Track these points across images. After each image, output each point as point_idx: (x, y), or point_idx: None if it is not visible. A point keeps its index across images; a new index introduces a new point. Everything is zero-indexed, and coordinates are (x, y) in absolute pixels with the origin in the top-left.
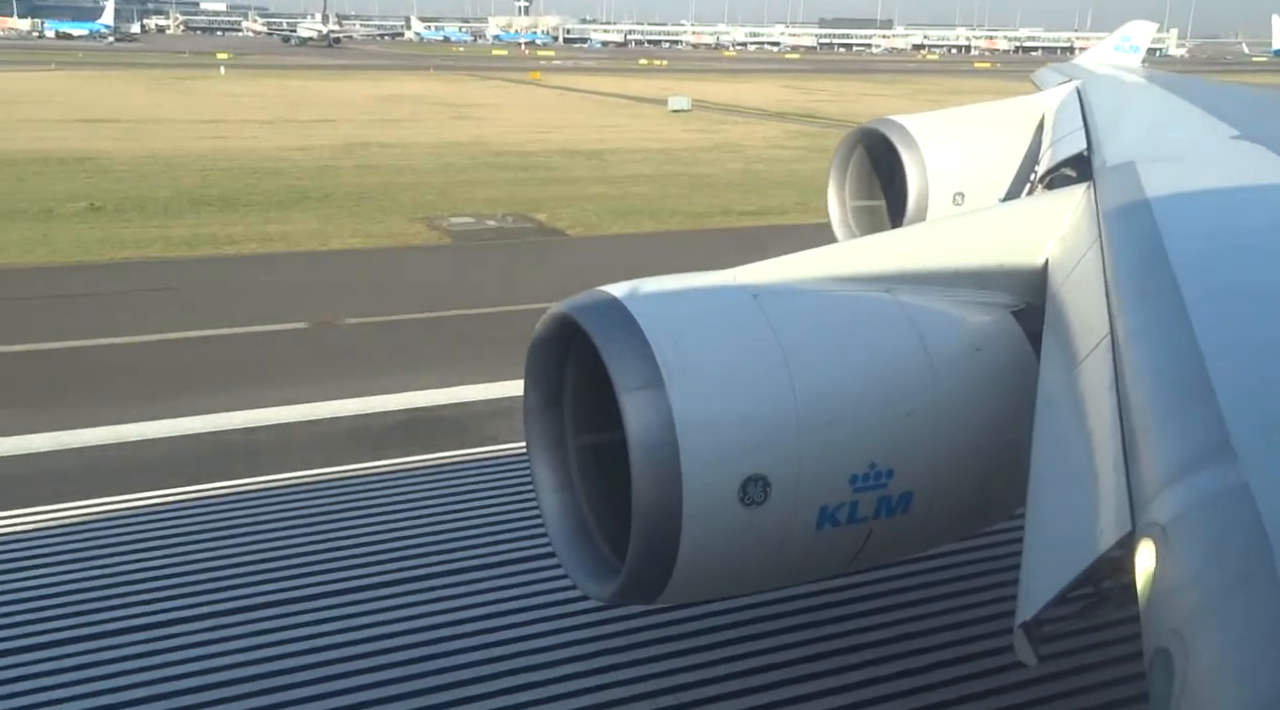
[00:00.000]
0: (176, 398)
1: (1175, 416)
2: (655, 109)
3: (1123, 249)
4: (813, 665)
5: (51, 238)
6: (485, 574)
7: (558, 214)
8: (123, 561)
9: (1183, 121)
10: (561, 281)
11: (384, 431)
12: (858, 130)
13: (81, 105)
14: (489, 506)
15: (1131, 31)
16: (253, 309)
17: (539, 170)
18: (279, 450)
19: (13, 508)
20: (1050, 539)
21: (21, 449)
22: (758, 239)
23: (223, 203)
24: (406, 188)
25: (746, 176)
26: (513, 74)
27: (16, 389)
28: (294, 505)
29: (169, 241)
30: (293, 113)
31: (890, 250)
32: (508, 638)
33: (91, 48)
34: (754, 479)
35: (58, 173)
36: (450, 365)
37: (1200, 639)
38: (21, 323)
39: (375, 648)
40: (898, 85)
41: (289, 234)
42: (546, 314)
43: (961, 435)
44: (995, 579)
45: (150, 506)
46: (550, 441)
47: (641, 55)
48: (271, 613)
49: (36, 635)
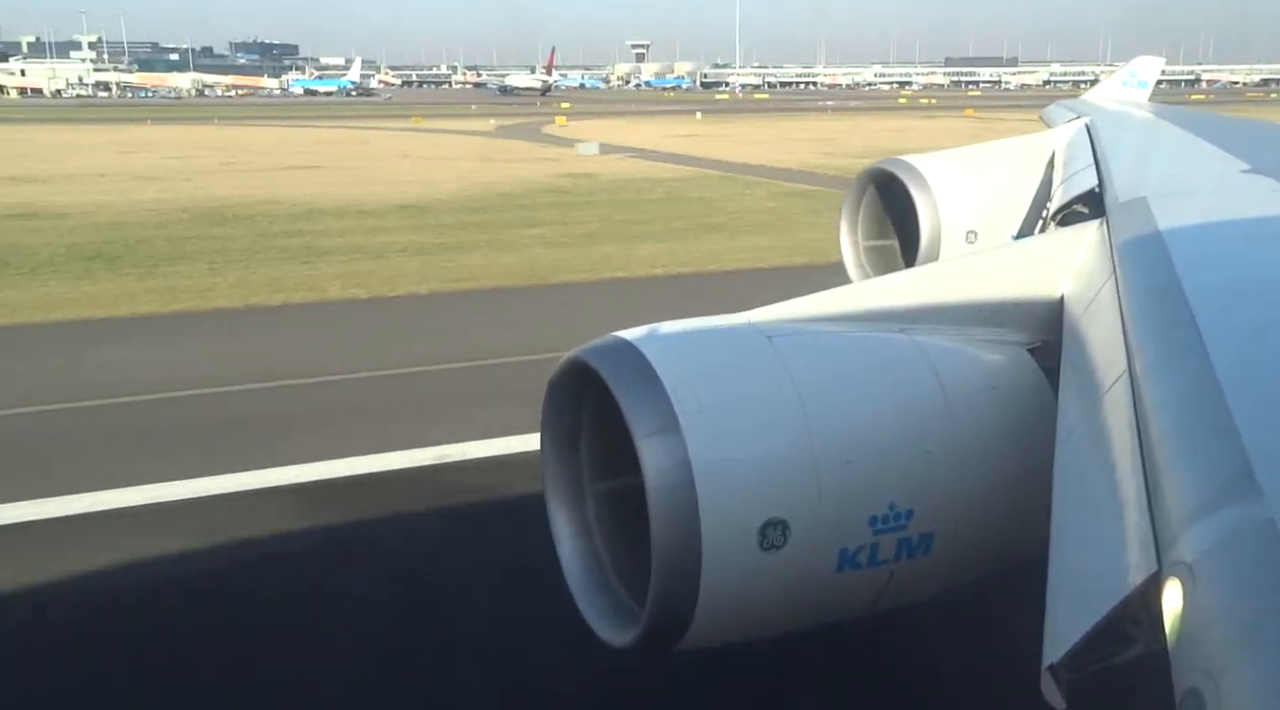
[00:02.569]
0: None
1: (1198, 452)
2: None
3: (1138, 284)
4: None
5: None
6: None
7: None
8: None
9: (1193, 156)
10: None
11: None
12: (868, 170)
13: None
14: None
15: (1139, 67)
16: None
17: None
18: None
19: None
20: (1075, 579)
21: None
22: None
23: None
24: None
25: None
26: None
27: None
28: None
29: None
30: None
31: (904, 290)
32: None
33: (345, 103)
34: (773, 523)
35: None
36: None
37: (1231, 677)
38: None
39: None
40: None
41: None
42: (562, 360)
43: (981, 474)
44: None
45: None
46: (567, 487)
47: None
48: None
49: None
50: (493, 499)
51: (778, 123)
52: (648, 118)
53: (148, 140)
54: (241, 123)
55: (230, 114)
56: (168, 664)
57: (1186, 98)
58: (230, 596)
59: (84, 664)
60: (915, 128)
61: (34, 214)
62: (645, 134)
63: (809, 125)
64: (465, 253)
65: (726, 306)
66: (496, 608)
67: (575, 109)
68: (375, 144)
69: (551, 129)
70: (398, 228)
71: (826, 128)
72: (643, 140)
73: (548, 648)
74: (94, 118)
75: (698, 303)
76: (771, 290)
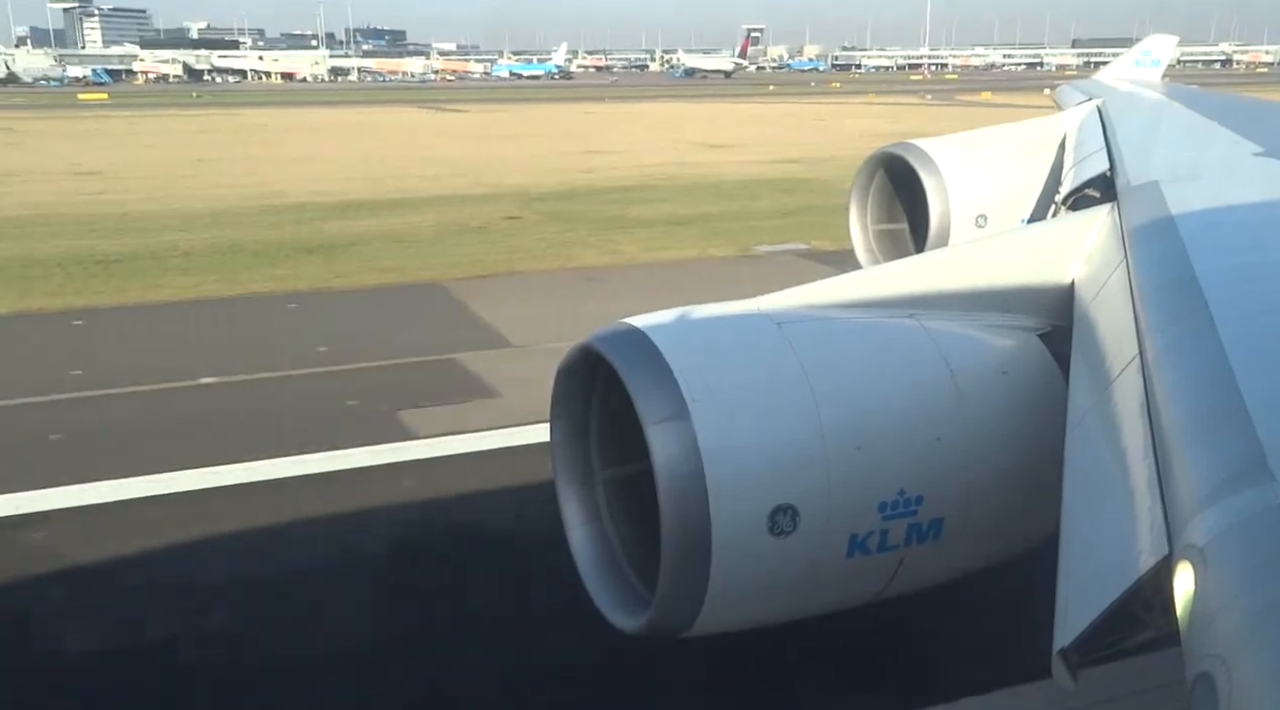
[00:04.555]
0: None
1: (1209, 437)
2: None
3: (1149, 269)
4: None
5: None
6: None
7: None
8: None
9: (1205, 138)
10: None
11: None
12: (877, 154)
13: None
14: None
15: (1152, 45)
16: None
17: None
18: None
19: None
20: (1086, 563)
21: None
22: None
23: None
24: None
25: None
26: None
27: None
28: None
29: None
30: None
31: (914, 275)
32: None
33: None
34: (783, 508)
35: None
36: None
37: (1243, 661)
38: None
39: None
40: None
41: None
42: (572, 348)
43: (991, 460)
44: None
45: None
46: (578, 474)
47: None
48: None
49: None
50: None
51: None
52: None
53: (626, 115)
54: (578, 102)
55: (539, 95)
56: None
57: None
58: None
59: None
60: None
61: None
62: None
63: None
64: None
65: None
66: None
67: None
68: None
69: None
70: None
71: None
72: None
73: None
74: (468, 98)
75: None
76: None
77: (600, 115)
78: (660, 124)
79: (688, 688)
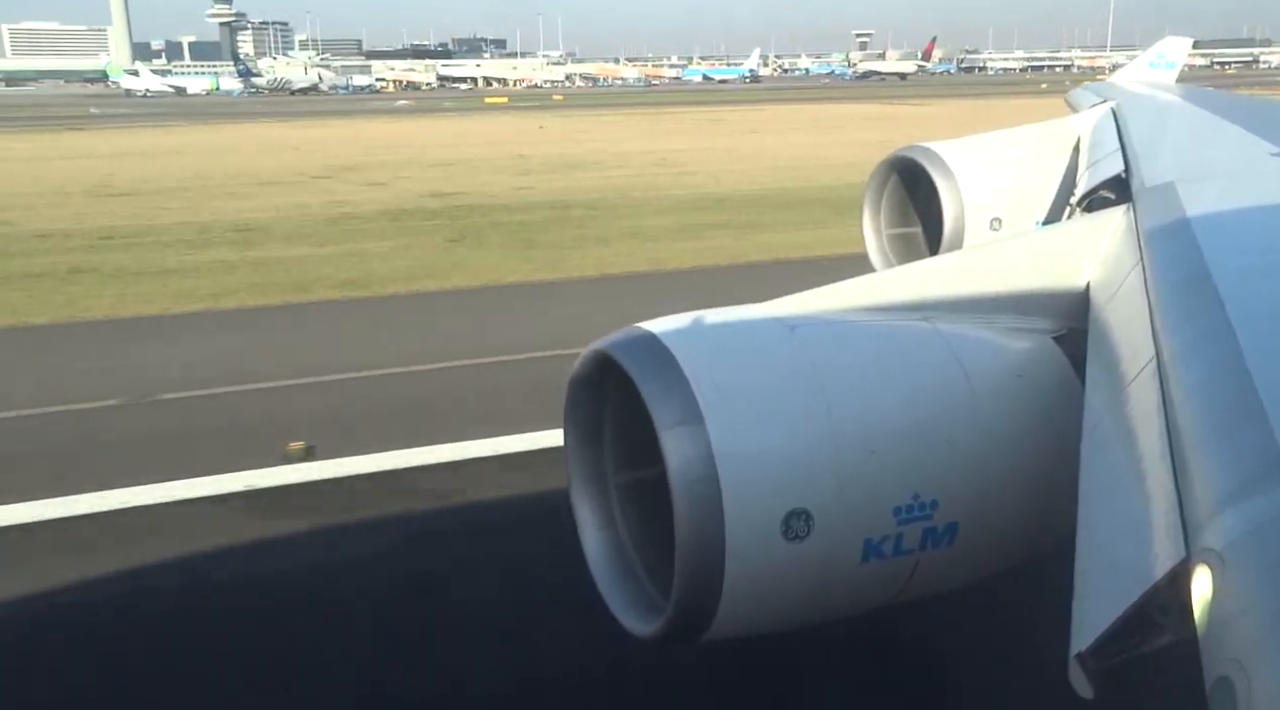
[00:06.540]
0: None
1: (1227, 439)
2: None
3: (1165, 271)
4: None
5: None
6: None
7: None
8: None
9: (1221, 139)
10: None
11: None
12: (891, 158)
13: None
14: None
15: (1166, 48)
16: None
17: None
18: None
19: None
20: (1102, 567)
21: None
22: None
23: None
24: None
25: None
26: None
27: None
28: None
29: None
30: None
31: (928, 278)
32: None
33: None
34: (796, 513)
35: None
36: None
37: (1263, 666)
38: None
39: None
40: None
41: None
42: (584, 352)
43: (1006, 463)
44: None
45: None
46: (591, 479)
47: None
48: None
49: None
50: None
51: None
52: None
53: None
54: (835, 101)
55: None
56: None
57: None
58: None
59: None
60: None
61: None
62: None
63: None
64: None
65: None
66: None
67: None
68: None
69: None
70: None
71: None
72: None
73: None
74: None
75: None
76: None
77: (837, 115)
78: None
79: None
